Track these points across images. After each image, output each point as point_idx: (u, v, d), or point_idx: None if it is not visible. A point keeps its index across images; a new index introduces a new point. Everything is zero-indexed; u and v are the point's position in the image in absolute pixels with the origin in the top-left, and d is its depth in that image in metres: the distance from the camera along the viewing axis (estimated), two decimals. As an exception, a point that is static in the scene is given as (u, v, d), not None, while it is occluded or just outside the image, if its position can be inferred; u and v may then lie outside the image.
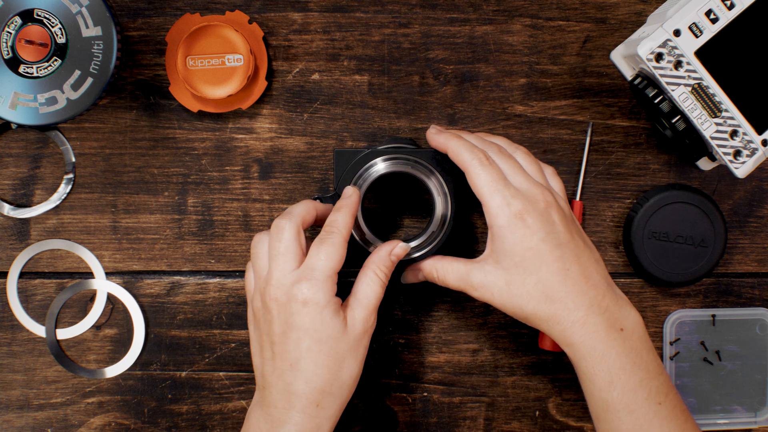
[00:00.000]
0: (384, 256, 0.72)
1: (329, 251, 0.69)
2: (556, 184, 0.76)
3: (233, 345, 0.82)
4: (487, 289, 0.71)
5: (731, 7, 0.69)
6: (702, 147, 0.74)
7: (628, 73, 0.76)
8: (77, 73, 0.71)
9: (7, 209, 0.81)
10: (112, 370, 0.82)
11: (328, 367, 0.69)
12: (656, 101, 0.72)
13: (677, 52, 0.70)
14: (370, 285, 0.71)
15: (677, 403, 0.70)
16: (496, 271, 0.71)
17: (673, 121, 0.72)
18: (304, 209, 0.72)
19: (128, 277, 0.82)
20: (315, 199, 0.76)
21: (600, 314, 0.69)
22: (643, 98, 0.75)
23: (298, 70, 0.81)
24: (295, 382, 0.69)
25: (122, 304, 0.82)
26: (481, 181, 0.71)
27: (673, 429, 0.69)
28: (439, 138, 0.74)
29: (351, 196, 0.73)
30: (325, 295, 0.69)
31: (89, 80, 0.71)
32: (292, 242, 0.70)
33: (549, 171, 0.76)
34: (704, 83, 0.70)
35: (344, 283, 0.74)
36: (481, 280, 0.72)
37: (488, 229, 0.72)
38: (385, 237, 0.77)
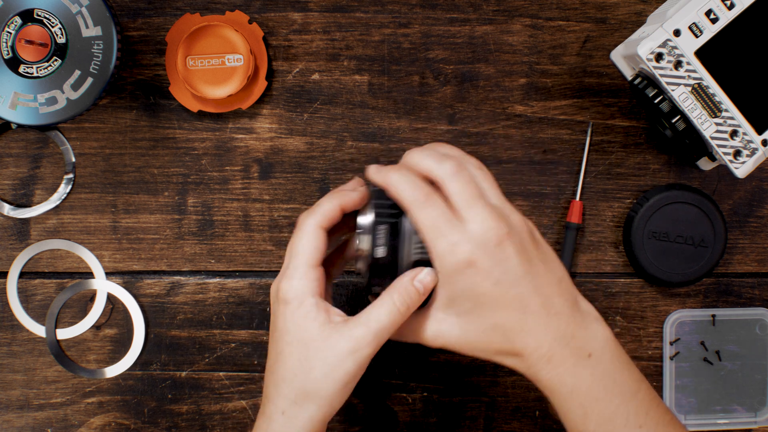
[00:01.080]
0: (405, 282, 0.65)
1: (300, 241, 0.65)
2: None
3: (233, 345, 0.82)
4: (444, 338, 0.65)
5: (731, 7, 0.69)
6: (702, 147, 0.74)
7: (628, 73, 0.76)
8: (77, 73, 0.71)
9: (7, 209, 0.81)
10: (112, 370, 0.82)
11: (302, 368, 0.64)
12: (656, 101, 0.72)
13: (677, 52, 0.70)
14: (382, 308, 0.64)
15: (660, 419, 0.66)
16: (448, 318, 0.65)
17: (673, 121, 0.72)
18: (329, 207, 0.66)
19: (128, 277, 0.82)
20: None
21: (565, 345, 0.64)
22: (643, 98, 0.75)
23: (298, 70, 0.81)
24: (276, 381, 0.65)
25: (122, 304, 0.82)
26: (421, 225, 0.63)
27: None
28: (378, 176, 0.66)
29: (347, 188, 0.68)
30: (298, 293, 0.64)
31: (89, 80, 0.71)
32: (305, 244, 0.66)
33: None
34: (704, 83, 0.70)
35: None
36: (435, 331, 0.65)
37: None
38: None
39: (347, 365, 0.64)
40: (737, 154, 0.72)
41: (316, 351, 0.64)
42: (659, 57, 0.70)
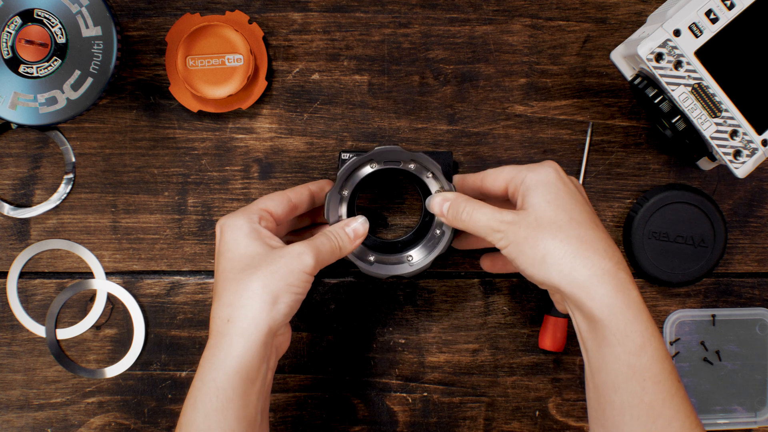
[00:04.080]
0: (337, 227, 0.72)
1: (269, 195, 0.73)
2: None
3: (233, 345, 0.82)
4: (516, 223, 0.67)
5: (731, 7, 0.69)
6: (702, 147, 0.74)
7: (628, 73, 0.76)
8: (77, 73, 0.71)
9: (7, 209, 0.81)
10: (112, 370, 0.82)
11: (239, 280, 0.68)
12: (656, 101, 0.72)
13: (677, 52, 0.70)
14: (324, 236, 0.70)
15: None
16: (528, 217, 0.68)
17: (673, 121, 0.72)
18: (299, 188, 0.75)
19: (128, 277, 0.82)
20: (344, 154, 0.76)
21: (627, 272, 0.65)
22: (643, 98, 0.75)
23: (298, 70, 0.81)
24: (214, 307, 0.68)
25: (122, 304, 0.82)
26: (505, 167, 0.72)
27: (690, 409, 0.65)
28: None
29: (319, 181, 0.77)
30: (237, 220, 0.69)
31: (89, 80, 0.71)
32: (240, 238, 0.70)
33: None
34: (704, 83, 0.70)
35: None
36: (513, 218, 0.68)
37: (522, 192, 0.69)
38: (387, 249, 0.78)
39: (296, 264, 0.67)
40: (737, 154, 0.72)
41: (262, 259, 0.67)
42: (659, 57, 0.70)
